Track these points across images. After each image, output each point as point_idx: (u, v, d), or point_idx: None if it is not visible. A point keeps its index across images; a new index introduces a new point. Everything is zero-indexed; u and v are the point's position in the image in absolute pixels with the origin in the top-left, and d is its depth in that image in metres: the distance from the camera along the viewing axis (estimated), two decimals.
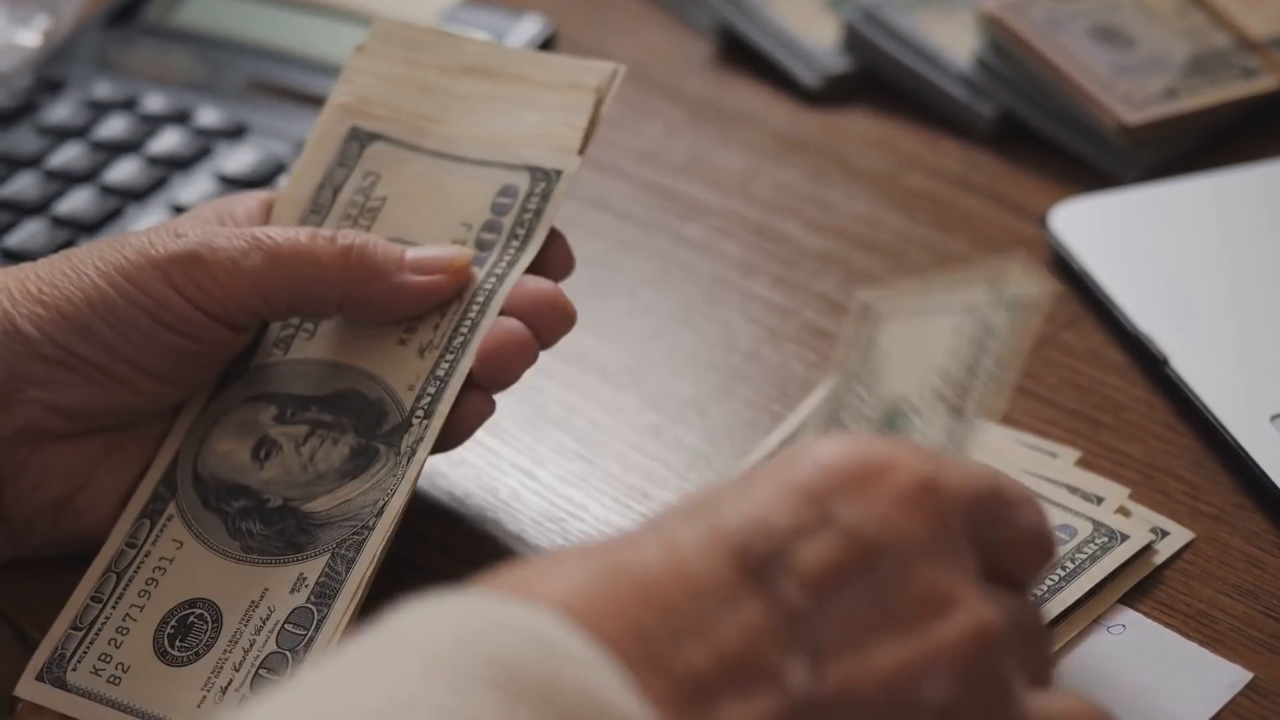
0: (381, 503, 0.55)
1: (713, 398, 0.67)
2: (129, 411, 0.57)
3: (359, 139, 0.61)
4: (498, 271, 0.58)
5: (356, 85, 0.62)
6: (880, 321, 0.58)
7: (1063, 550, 0.57)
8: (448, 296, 0.58)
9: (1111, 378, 0.67)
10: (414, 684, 0.37)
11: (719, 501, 0.42)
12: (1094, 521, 0.58)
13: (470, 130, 0.61)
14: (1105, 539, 0.57)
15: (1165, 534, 0.59)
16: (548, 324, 0.57)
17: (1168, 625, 0.56)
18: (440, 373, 0.57)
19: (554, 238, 0.59)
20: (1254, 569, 0.58)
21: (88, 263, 0.56)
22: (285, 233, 0.56)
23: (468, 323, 0.57)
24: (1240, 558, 0.59)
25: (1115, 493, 0.60)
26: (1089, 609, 0.56)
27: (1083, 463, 0.62)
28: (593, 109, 0.60)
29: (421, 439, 0.56)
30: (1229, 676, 0.54)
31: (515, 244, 0.59)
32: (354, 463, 0.56)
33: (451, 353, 0.57)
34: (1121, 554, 0.57)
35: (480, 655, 0.37)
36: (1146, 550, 0.58)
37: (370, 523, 0.55)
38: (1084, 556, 0.56)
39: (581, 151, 0.60)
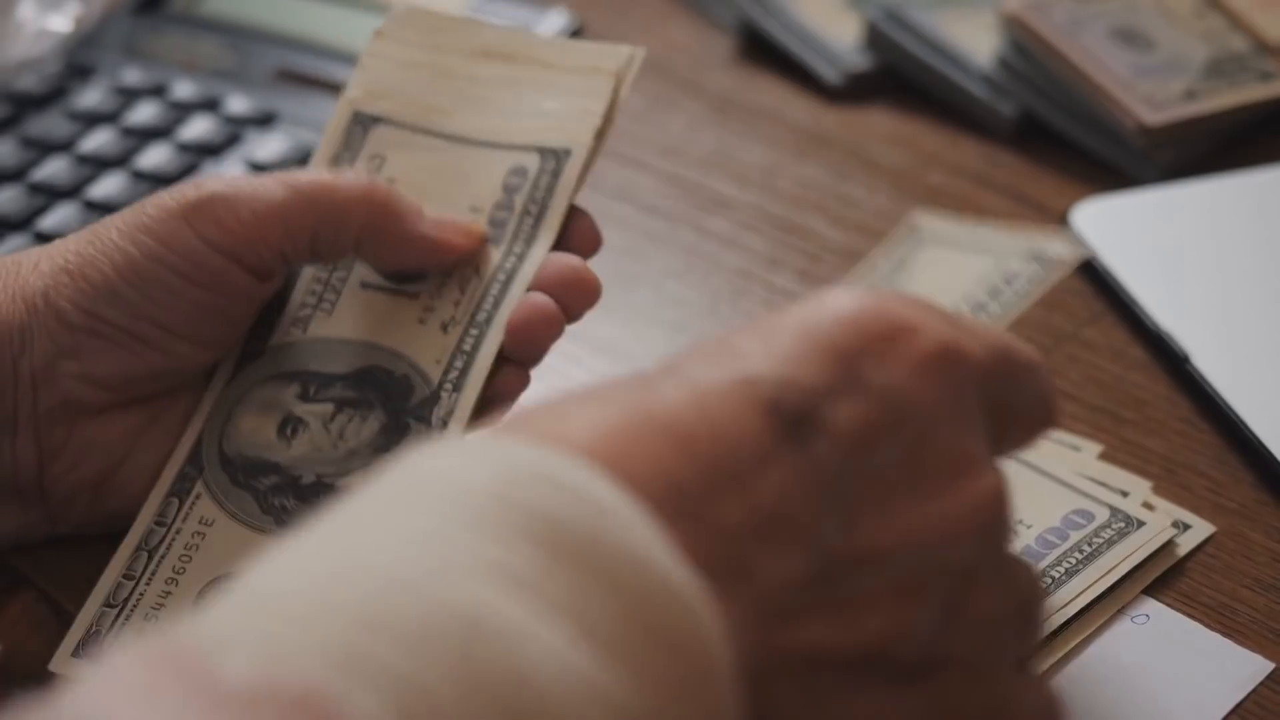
0: None
1: None
2: (162, 376, 0.57)
3: (362, 123, 0.62)
4: (516, 250, 0.59)
5: (372, 71, 0.63)
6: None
7: (1079, 535, 0.58)
8: (460, 257, 0.58)
9: (1133, 374, 0.68)
10: (452, 535, 0.36)
11: (743, 350, 0.41)
12: (1111, 508, 0.59)
13: (484, 119, 0.61)
14: (1122, 524, 0.58)
15: (1187, 527, 0.60)
16: (573, 296, 0.58)
17: (1190, 616, 0.57)
18: (466, 347, 0.57)
19: (580, 216, 0.60)
20: (1275, 563, 0.59)
21: (110, 227, 0.56)
22: (308, 171, 0.57)
23: (490, 299, 0.58)
24: (1261, 552, 0.60)
25: (1138, 486, 0.61)
26: (1114, 599, 0.57)
27: (1105, 457, 0.63)
28: (611, 93, 0.61)
29: (453, 411, 0.56)
30: (1251, 667, 0.55)
31: (530, 221, 0.59)
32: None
33: (476, 328, 0.58)
34: (1137, 540, 0.57)
35: (522, 510, 0.37)
36: (1169, 543, 0.59)
37: None
38: (1101, 541, 0.57)
39: (602, 135, 0.60)
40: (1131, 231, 0.73)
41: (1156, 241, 0.73)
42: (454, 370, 0.57)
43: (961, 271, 0.56)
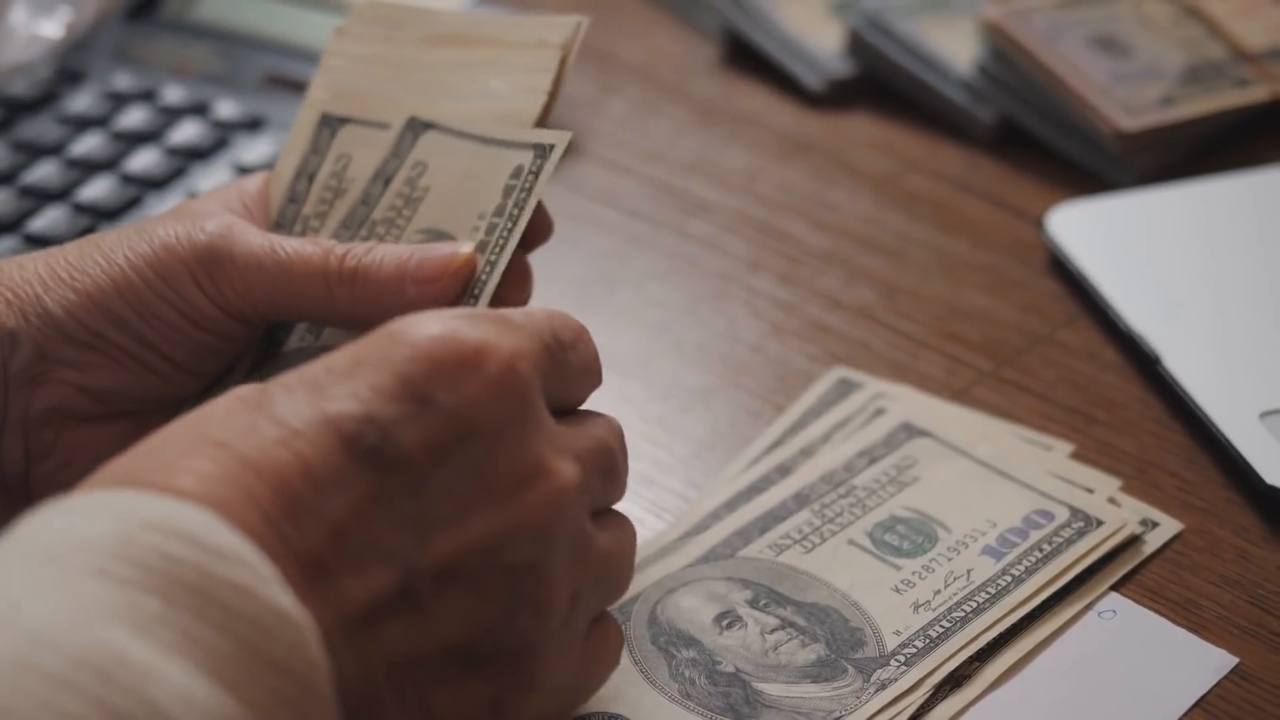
0: None
1: (718, 389, 0.69)
2: (153, 396, 0.58)
3: (329, 124, 0.62)
4: (491, 258, 0.59)
5: (333, 70, 0.63)
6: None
7: (1039, 535, 0.59)
8: (450, 299, 0.59)
9: (1106, 376, 0.69)
10: (80, 585, 0.40)
11: (327, 388, 0.46)
12: (1071, 508, 0.60)
13: (435, 106, 0.61)
14: (1082, 524, 0.59)
15: (1156, 525, 0.61)
16: (514, 290, 0.59)
17: (1157, 612, 0.58)
18: None
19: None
20: (1241, 560, 0.60)
21: (117, 251, 0.57)
22: (301, 247, 0.57)
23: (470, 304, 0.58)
24: (1228, 549, 0.61)
25: (1105, 484, 0.62)
26: (1081, 595, 0.58)
27: (1077, 456, 0.64)
28: (558, 66, 0.61)
29: None
30: (1215, 661, 0.56)
31: (509, 225, 0.59)
32: None
33: None
34: (1095, 539, 0.58)
35: (141, 556, 0.41)
36: (1136, 540, 0.60)
37: None
38: (1060, 540, 0.58)
39: (547, 112, 0.60)
40: (1106, 235, 0.74)
41: (1131, 245, 0.74)
42: None
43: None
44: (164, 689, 0.39)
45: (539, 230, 0.60)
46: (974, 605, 0.57)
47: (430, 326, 0.48)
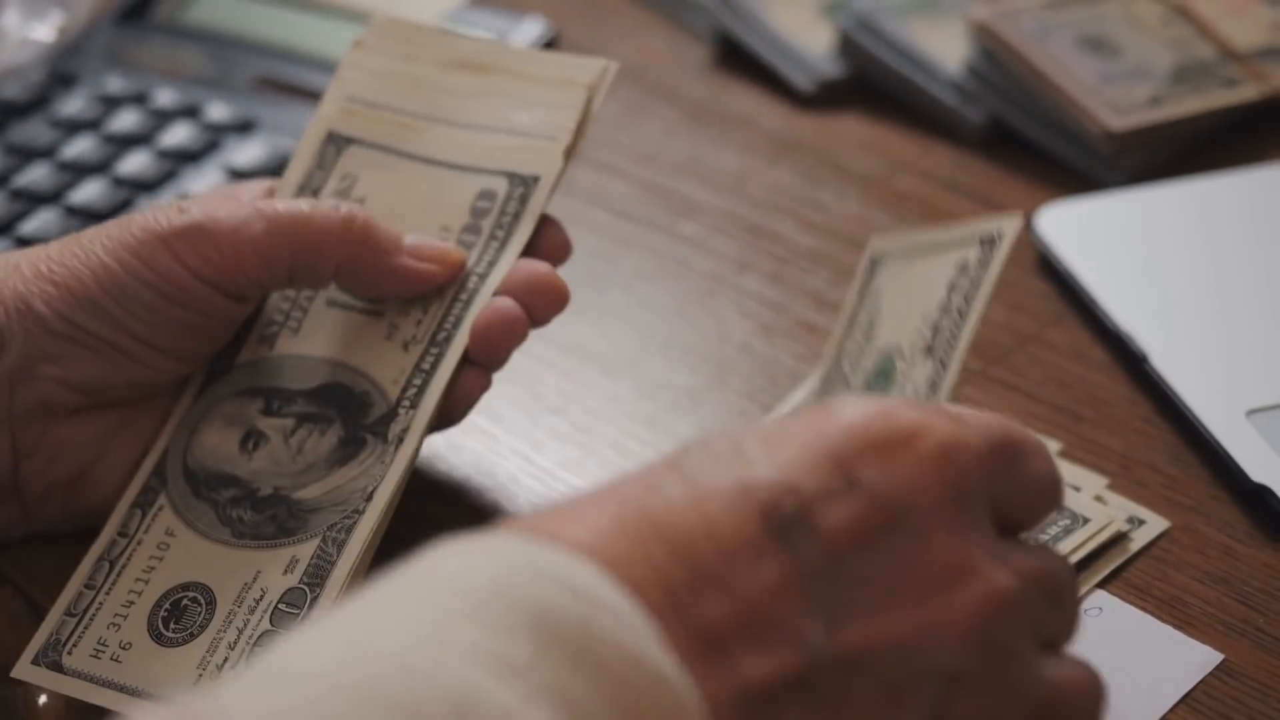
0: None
1: (706, 388, 0.69)
2: (139, 385, 0.58)
3: (335, 143, 0.62)
4: (479, 271, 0.59)
5: (349, 83, 0.63)
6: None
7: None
8: (439, 285, 0.59)
9: (1094, 374, 0.69)
10: (452, 624, 0.38)
11: (749, 456, 0.43)
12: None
13: (456, 131, 0.62)
14: (1069, 521, 0.59)
15: (1142, 523, 0.61)
16: (540, 303, 0.59)
17: (1143, 609, 0.58)
18: (425, 366, 0.58)
19: (549, 225, 0.61)
20: (1227, 557, 0.60)
21: (95, 241, 0.57)
22: (287, 202, 0.58)
23: (451, 319, 0.59)
24: (1214, 546, 0.61)
25: (1093, 482, 0.62)
26: None
27: (1064, 454, 0.64)
28: (584, 106, 0.62)
29: (409, 427, 0.57)
30: (1201, 658, 0.56)
31: (495, 245, 0.60)
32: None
33: (436, 347, 0.59)
34: (1081, 536, 0.59)
35: (518, 601, 0.39)
36: (1123, 538, 0.60)
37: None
38: (1046, 538, 0.59)
39: (572, 149, 0.61)
40: (1095, 235, 0.75)
41: (1119, 245, 0.74)
42: (412, 388, 0.58)
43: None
44: None
45: (555, 248, 0.61)
46: None
47: (867, 405, 0.44)
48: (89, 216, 0.74)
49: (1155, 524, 0.61)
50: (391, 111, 0.63)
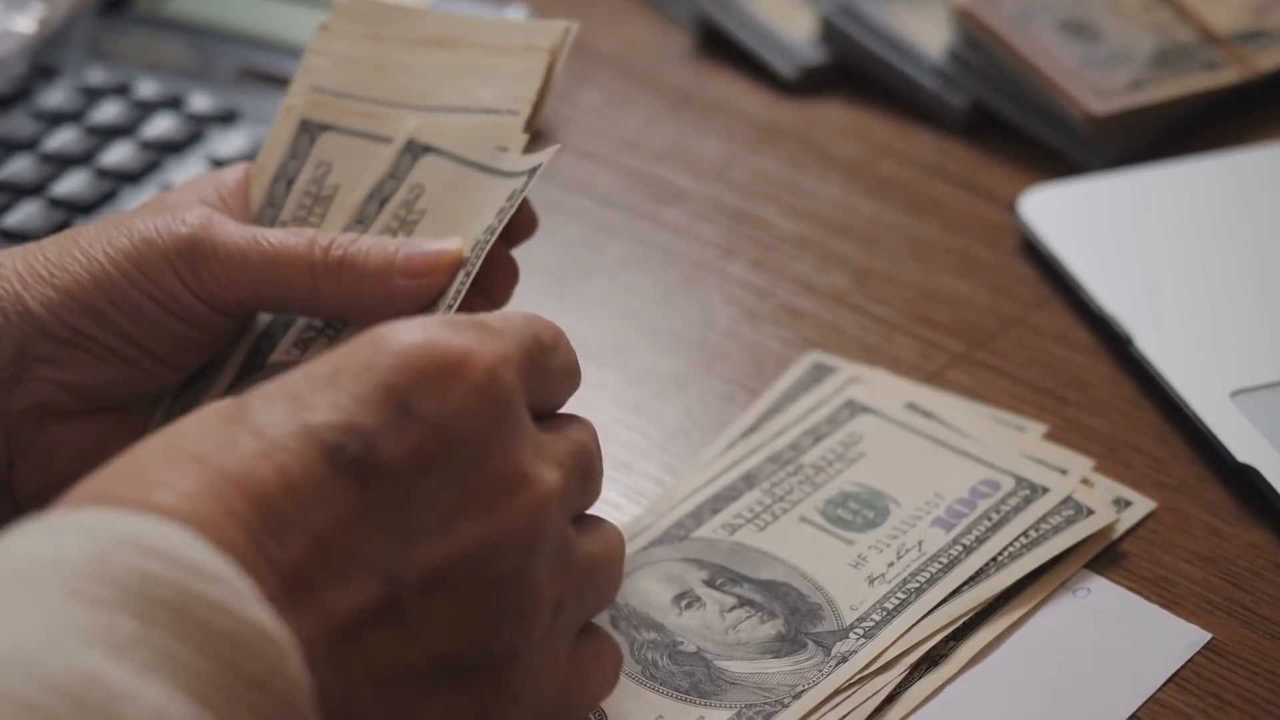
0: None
1: (692, 375, 0.69)
2: (135, 391, 0.58)
3: (309, 130, 0.62)
4: (468, 269, 0.59)
5: (315, 71, 0.62)
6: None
7: (986, 504, 0.60)
8: (438, 292, 0.59)
9: (1078, 357, 0.69)
10: (55, 607, 0.39)
11: (309, 401, 0.45)
12: (1016, 476, 0.61)
13: (424, 116, 0.60)
14: (1028, 492, 0.60)
15: (1128, 504, 0.61)
16: (498, 284, 0.59)
17: (1131, 589, 0.58)
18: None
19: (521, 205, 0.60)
20: (1213, 537, 0.61)
21: (96, 246, 0.57)
22: (285, 238, 0.57)
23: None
24: (1200, 526, 0.61)
25: (1079, 464, 0.62)
26: (1056, 573, 0.58)
27: (1049, 437, 0.65)
28: (545, 72, 0.61)
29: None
30: (1188, 637, 0.57)
31: (487, 236, 0.59)
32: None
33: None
34: (1043, 505, 0.59)
35: (118, 576, 0.40)
36: (1109, 520, 0.60)
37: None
38: (1008, 509, 0.59)
39: (533, 119, 0.60)
40: (1077, 218, 0.75)
41: (1102, 227, 0.75)
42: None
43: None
44: (141, 711, 0.38)
45: (523, 227, 0.61)
46: (927, 576, 0.57)
47: (412, 334, 0.47)
48: (72, 208, 0.74)
49: (1142, 505, 0.61)
50: (357, 100, 0.62)
